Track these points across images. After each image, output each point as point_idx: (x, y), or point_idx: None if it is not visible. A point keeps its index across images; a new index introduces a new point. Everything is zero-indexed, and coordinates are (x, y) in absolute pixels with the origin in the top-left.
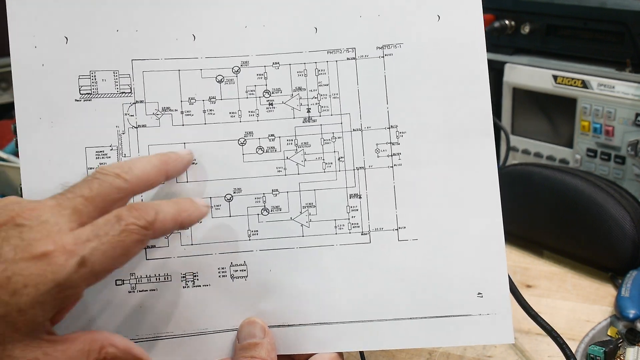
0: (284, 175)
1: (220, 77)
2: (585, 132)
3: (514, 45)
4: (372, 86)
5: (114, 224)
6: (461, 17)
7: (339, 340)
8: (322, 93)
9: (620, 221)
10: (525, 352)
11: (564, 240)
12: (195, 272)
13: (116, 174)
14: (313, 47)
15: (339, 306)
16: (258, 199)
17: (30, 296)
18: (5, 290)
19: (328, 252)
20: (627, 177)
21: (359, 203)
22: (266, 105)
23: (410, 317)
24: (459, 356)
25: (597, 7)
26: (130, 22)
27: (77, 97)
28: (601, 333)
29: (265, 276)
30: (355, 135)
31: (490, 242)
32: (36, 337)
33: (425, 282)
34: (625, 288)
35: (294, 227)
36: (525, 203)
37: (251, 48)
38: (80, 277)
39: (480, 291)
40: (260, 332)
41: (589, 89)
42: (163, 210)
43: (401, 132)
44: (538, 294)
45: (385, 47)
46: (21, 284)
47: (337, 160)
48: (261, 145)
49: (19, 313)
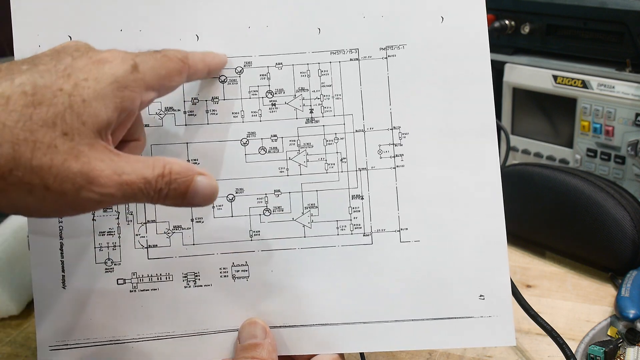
0: (286, 176)
1: (223, 77)
2: (585, 132)
3: (514, 45)
4: (375, 87)
5: (156, 53)
6: (465, 18)
7: (340, 341)
8: (325, 94)
9: (620, 221)
10: (525, 352)
11: (564, 240)
12: (196, 272)
13: (179, 58)
14: (316, 47)
15: (340, 307)
16: (260, 199)
17: (92, 88)
18: (69, 84)
19: (330, 253)
20: (627, 177)
21: (361, 204)
22: (269, 105)
23: (412, 319)
24: (459, 356)
25: (597, 7)
26: (134, 22)
27: None
28: (601, 333)
29: (266, 277)
30: (357, 136)
31: (493, 244)
32: (101, 139)
33: (427, 283)
34: (625, 288)
35: (296, 227)
36: (525, 203)
37: (254, 48)
38: (135, 80)
39: (482, 293)
40: (262, 333)
41: (589, 89)
42: (192, 52)
43: (404, 133)
44: (538, 294)
45: (388, 48)
46: (82, 78)
47: (339, 161)
48: (264, 146)
49: (83, 104)
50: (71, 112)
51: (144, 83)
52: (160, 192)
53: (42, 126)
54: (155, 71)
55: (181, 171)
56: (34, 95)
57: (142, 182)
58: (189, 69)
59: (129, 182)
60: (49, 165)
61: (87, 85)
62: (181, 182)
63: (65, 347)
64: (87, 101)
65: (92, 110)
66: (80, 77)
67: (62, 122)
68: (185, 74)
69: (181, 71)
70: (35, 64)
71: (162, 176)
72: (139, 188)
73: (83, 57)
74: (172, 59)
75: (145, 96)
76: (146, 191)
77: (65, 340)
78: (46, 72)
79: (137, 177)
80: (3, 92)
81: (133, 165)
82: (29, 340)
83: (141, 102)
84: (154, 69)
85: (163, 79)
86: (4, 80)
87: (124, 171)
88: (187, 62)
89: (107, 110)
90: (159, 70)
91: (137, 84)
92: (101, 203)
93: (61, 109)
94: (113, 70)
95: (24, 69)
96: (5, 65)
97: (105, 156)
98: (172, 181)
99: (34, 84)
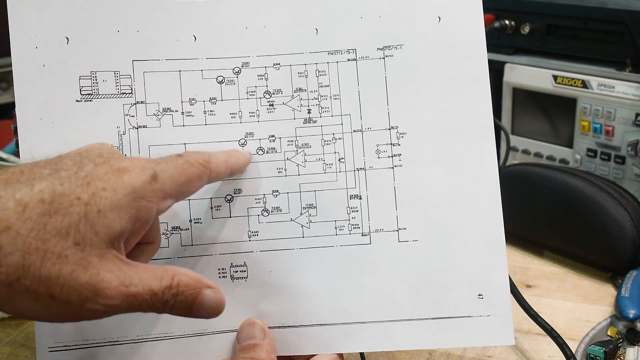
0: (284, 176)
1: (221, 77)
2: (585, 132)
3: (514, 45)
4: (373, 87)
5: (178, 158)
6: (462, 18)
7: (339, 342)
8: (322, 94)
9: (620, 221)
10: (525, 352)
11: (564, 240)
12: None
13: (201, 163)
14: (314, 48)
15: (339, 307)
16: (258, 200)
17: (109, 199)
18: (87, 193)
19: (328, 253)
20: (627, 177)
21: (359, 204)
22: (267, 106)
23: (411, 319)
24: (459, 356)
25: (597, 7)
26: (131, 23)
27: (77, 98)
28: (601, 333)
29: (265, 277)
30: (355, 136)
31: (491, 243)
32: (113, 249)
33: (426, 283)
34: (625, 288)
35: (294, 228)
36: (525, 203)
37: (252, 49)
38: (153, 190)
39: (481, 292)
40: (260, 333)
41: (589, 89)
42: (215, 155)
43: (402, 133)
44: (538, 294)
45: (386, 48)
46: (100, 187)
47: (337, 161)
48: (262, 146)
49: (98, 214)
50: (85, 222)
51: (162, 193)
52: (166, 303)
53: (55, 235)
54: (175, 179)
55: (189, 283)
56: (51, 204)
57: (149, 294)
58: (210, 173)
59: (135, 294)
60: (57, 275)
61: (104, 195)
62: (188, 295)
63: (64, 348)
64: (102, 211)
65: (106, 221)
66: (99, 186)
67: (75, 232)
68: (206, 178)
69: (202, 176)
70: (57, 169)
71: (169, 288)
72: (144, 300)
73: (104, 164)
74: (194, 165)
75: (162, 205)
76: (152, 302)
77: (64, 341)
78: (66, 179)
79: (144, 289)
80: (21, 199)
81: (141, 275)
82: (29, 340)
83: (157, 210)
84: (174, 177)
85: (182, 185)
86: (25, 185)
87: (132, 282)
88: (209, 166)
89: (121, 221)
90: (179, 178)
91: (155, 194)
92: (106, 313)
93: (76, 218)
94: (132, 180)
95: (45, 173)
96: (29, 167)
97: (115, 266)
98: (179, 293)
99: (53, 192)
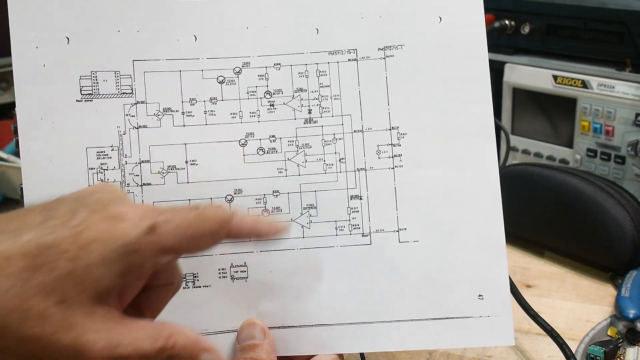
0: (284, 176)
1: (221, 77)
2: (585, 132)
3: (514, 45)
4: (374, 87)
5: (191, 209)
6: (463, 19)
7: (339, 342)
8: (323, 94)
9: (620, 221)
10: (525, 352)
11: (564, 240)
12: (195, 272)
13: (218, 220)
14: (314, 48)
15: (339, 308)
16: (259, 200)
17: (98, 252)
18: (75, 245)
19: (328, 253)
20: (627, 177)
21: (359, 204)
22: (267, 106)
23: (411, 319)
24: (459, 356)
25: (597, 7)
26: (131, 23)
27: (78, 98)
28: (601, 333)
29: (265, 277)
30: (356, 136)
31: (491, 244)
32: (101, 306)
33: (426, 283)
34: (625, 288)
35: (294, 228)
36: (525, 203)
37: (252, 49)
38: (148, 243)
39: (481, 293)
40: (260, 334)
41: (589, 89)
42: (242, 215)
43: (402, 133)
44: (538, 294)
45: (386, 48)
46: (90, 239)
47: (338, 161)
48: (262, 146)
49: (86, 269)
50: (72, 278)
51: (159, 247)
52: None
53: (37, 293)
54: (179, 232)
55: (187, 345)
56: (36, 257)
57: (139, 356)
58: (229, 232)
59: (124, 356)
60: (38, 337)
61: (94, 248)
62: (183, 359)
63: None
64: (90, 266)
65: (94, 276)
66: (89, 237)
67: (60, 288)
68: (221, 237)
69: (216, 234)
70: (49, 218)
71: (163, 350)
72: None
73: (100, 212)
74: (209, 220)
75: (160, 259)
76: None
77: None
78: (58, 228)
79: (134, 350)
80: (4, 252)
81: (132, 335)
82: None
83: (155, 265)
84: (178, 230)
85: (188, 240)
86: (11, 236)
87: (120, 343)
88: (228, 225)
89: (110, 276)
90: (185, 231)
91: (150, 248)
92: None
93: (62, 273)
94: (126, 231)
95: (35, 222)
96: (22, 214)
97: (102, 325)
98: (173, 356)
99: (40, 244)
